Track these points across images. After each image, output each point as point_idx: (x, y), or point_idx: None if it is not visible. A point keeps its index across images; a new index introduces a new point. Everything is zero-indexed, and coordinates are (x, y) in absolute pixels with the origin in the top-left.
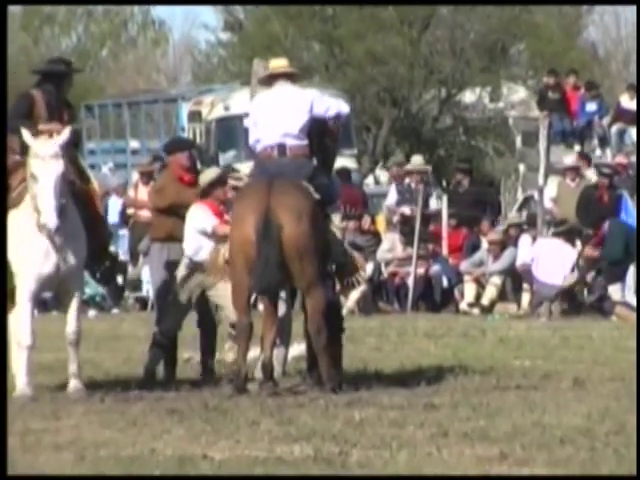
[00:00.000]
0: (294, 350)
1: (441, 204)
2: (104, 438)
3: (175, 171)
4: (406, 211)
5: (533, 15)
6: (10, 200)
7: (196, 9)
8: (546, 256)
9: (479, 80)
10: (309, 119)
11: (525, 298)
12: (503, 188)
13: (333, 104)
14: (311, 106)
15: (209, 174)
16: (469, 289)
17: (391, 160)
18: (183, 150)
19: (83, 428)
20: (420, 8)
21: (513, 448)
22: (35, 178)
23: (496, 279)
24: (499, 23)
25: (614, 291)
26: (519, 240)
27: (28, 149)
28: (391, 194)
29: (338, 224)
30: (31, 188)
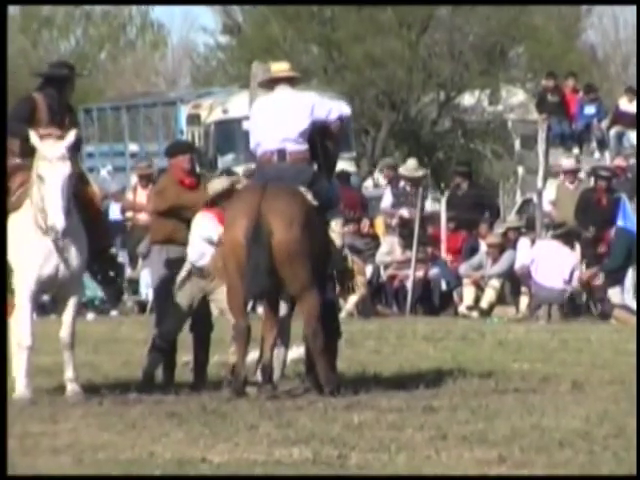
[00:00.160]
0: (293, 353)
1: (436, 206)
2: (102, 441)
3: (176, 174)
4: (405, 214)
5: (532, 18)
6: (10, 204)
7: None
8: (545, 259)
9: (478, 83)
10: (310, 123)
11: (523, 301)
12: (502, 191)
13: (334, 107)
14: (312, 110)
15: (218, 184)
16: (468, 292)
17: (381, 163)
18: (184, 153)
19: (81, 431)
20: (419, 10)
21: (512, 451)
22: (42, 180)
23: (495, 282)
24: (498, 26)
25: (614, 294)
26: (518, 243)
27: (27, 151)
28: (386, 197)
29: (338, 229)
30: (38, 190)
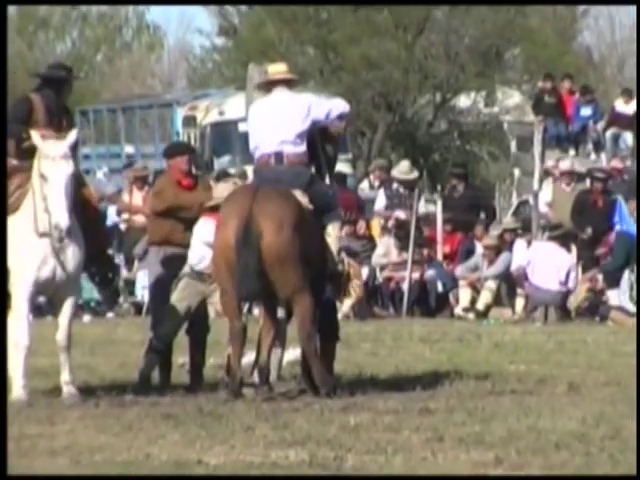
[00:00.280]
0: (289, 355)
1: (431, 208)
2: (99, 443)
3: (174, 175)
4: (401, 215)
5: (528, 19)
6: (8, 206)
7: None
8: (541, 260)
9: (474, 85)
10: (308, 125)
11: (519, 303)
12: (498, 193)
13: (333, 106)
14: (309, 111)
15: (224, 190)
16: (464, 294)
17: (373, 164)
18: (183, 154)
19: (78, 433)
20: (415, 12)
21: (508, 453)
22: (45, 179)
23: (491, 284)
24: (494, 28)
25: (612, 296)
26: (514, 245)
27: (23, 153)
28: (379, 199)
29: (334, 233)
30: (41, 189)
